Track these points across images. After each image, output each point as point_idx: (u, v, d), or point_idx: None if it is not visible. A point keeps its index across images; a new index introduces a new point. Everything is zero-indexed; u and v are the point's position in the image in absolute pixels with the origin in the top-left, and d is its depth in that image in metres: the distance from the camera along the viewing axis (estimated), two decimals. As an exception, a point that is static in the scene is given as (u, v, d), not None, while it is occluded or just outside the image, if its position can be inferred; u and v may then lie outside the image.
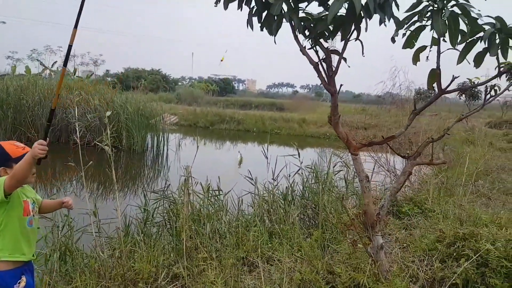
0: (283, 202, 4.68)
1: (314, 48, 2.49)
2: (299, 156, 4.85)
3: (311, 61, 2.43)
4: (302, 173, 4.95)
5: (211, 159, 13.28)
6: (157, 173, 11.46)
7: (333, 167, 5.04)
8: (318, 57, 2.50)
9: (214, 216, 3.94)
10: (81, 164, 3.54)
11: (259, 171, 4.84)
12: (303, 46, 2.43)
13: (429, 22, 2.16)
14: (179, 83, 66.13)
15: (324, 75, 2.47)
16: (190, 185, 3.97)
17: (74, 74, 25.17)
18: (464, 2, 2.09)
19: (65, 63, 2.06)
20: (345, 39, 2.30)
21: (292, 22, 2.28)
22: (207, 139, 19.91)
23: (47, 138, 1.89)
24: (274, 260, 3.55)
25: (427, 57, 2.28)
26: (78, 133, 3.73)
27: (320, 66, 2.47)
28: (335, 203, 4.66)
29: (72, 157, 4.74)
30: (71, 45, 1.93)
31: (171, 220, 3.97)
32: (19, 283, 1.85)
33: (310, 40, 2.45)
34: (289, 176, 4.74)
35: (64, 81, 15.55)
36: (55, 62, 27.80)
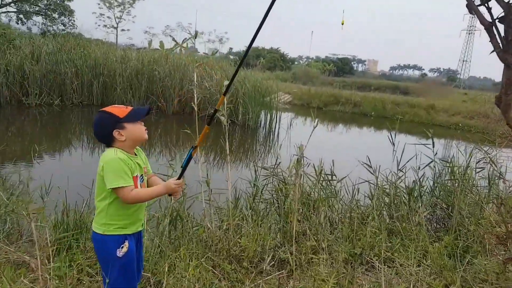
0: (407, 197, 4.05)
1: (487, 3, 1.86)
2: (433, 146, 4.11)
3: (482, 20, 1.82)
4: (434, 167, 4.20)
5: (322, 140, 12.83)
6: (268, 150, 11.57)
7: (476, 163, 4.14)
8: (491, 15, 1.86)
9: (326, 202, 3.59)
10: (196, 132, 3.53)
11: (380, 160, 4.27)
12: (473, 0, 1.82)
13: None
14: (296, 62, 66.20)
15: (499, 39, 1.83)
16: (302, 165, 3.68)
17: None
18: None
19: (208, 123, 1.99)
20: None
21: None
22: (320, 120, 19.38)
23: (182, 178, 1.96)
24: (395, 263, 3.05)
25: None
26: (195, 100, 3.66)
27: (494, 28, 1.84)
28: (473, 207, 3.83)
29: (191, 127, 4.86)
30: (217, 109, 1.95)
31: (279, 199, 3.75)
32: (122, 247, 1.81)
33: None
34: (418, 169, 4.05)
35: (191, 57, 16.84)
36: (186, 38, 30.27)
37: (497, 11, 1.84)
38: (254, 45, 1.83)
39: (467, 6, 1.83)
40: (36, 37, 18.34)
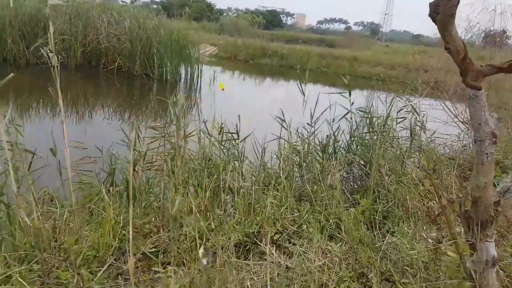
0: (321, 154, 3.48)
1: None
2: (349, 95, 3.53)
3: None
4: (351, 119, 3.65)
5: (246, 96, 12.10)
6: (187, 106, 10.52)
7: (397, 112, 3.67)
8: None
9: (222, 167, 2.84)
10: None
11: (297, 115, 3.62)
12: None
13: None
14: (225, 14, 63.31)
15: None
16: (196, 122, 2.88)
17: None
18: None
19: None
20: None
21: None
22: (247, 74, 18.55)
23: None
24: (301, 239, 2.46)
25: None
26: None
27: None
28: (394, 162, 3.38)
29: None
30: None
31: (168, 168, 2.92)
32: None
33: None
34: (333, 122, 3.47)
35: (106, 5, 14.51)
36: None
37: None
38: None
39: None
40: None
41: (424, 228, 2.74)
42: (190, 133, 3.01)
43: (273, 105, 9.56)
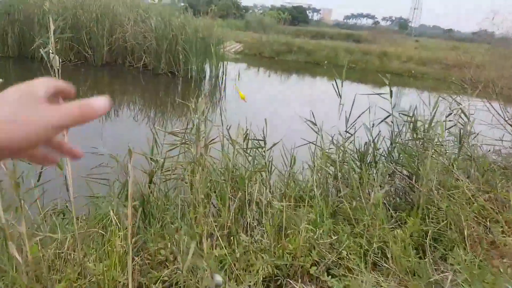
0: (358, 164, 3.11)
1: None
2: (391, 96, 3.13)
3: None
4: (392, 123, 3.25)
5: (271, 95, 11.75)
6: (212, 106, 10.28)
7: (446, 116, 3.23)
8: None
9: (247, 178, 2.52)
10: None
11: (330, 117, 3.26)
12: None
13: None
14: (250, 11, 63.03)
15: None
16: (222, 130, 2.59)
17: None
18: None
19: None
20: None
21: None
22: (272, 70, 18.17)
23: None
24: (340, 268, 2.12)
25: None
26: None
27: None
28: (443, 174, 2.96)
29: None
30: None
31: (188, 180, 2.62)
32: None
33: None
34: (372, 126, 3.08)
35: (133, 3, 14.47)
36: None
37: None
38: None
39: None
40: None
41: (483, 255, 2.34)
42: (212, 140, 2.71)
43: (301, 105, 9.21)
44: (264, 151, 2.80)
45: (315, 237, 2.07)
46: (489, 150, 3.97)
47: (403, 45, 24.40)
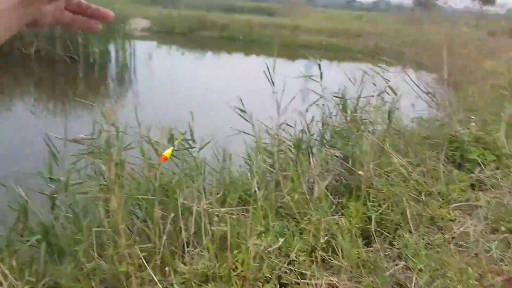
0: (294, 151, 2.94)
1: None
2: (321, 78, 2.98)
3: None
4: (323, 105, 3.12)
5: (188, 76, 11.16)
6: (118, 96, 9.27)
7: (377, 95, 3.18)
8: None
9: (179, 187, 2.17)
10: None
11: (260, 106, 3.01)
12: None
13: None
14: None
15: None
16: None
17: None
18: None
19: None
20: None
21: None
22: (185, 48, 17.31)
23: None
24: (291, 273, 1.92)
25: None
26: None
27: None
28: (376, 154, 2.93)
29: None
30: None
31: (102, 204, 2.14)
32: None
33: None
34: (306, 112, 2.91)
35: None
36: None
37: None
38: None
39: None
40: None
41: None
42: (128, 145, 2.28)
43: (223, 86, 8.82)
44: (193, 151, 2.45)
45: (264, 245, 1.83)
46: (412, 121, 4.12)
47: (312, 16, 25.13)
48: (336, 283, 1.91)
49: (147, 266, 1.61)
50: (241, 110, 2.89)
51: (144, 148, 2.30)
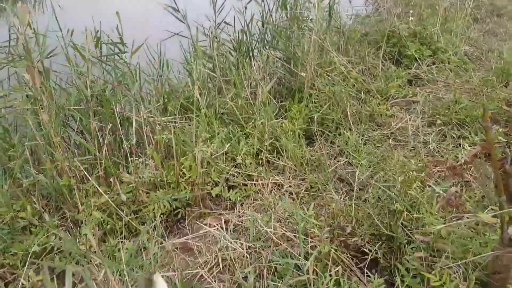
0: (234, 54, 2.81)
1: None
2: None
3: None
4: (263, 2, 2.91)
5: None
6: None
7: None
8: None
9: (115, 98, 2.01)
10: None
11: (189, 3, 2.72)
12: None
13: None
14: None
15: None
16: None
17: None
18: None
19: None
20: None
21: None
22: None
23: None
24: (238, 177, 1.99)
25: None
26: None
27: None
28: (317, 53, 2.90)
29: None
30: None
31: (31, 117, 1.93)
32: None
33: None
34: (245, 9, 2.70)
35: None
36: None
37: None
38: None
39: None
40: None
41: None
42: (51, 52, 2.00)
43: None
44: (125, 57, 2.22)
45: (209, 153, 1.83)
46: (350, 18, 4.05)
47: None
48: (281, 181, 2.01)
49: (90, 178, 1.55)
50: (174, 9, 2.62)
51: (69, 55, 2.04)
